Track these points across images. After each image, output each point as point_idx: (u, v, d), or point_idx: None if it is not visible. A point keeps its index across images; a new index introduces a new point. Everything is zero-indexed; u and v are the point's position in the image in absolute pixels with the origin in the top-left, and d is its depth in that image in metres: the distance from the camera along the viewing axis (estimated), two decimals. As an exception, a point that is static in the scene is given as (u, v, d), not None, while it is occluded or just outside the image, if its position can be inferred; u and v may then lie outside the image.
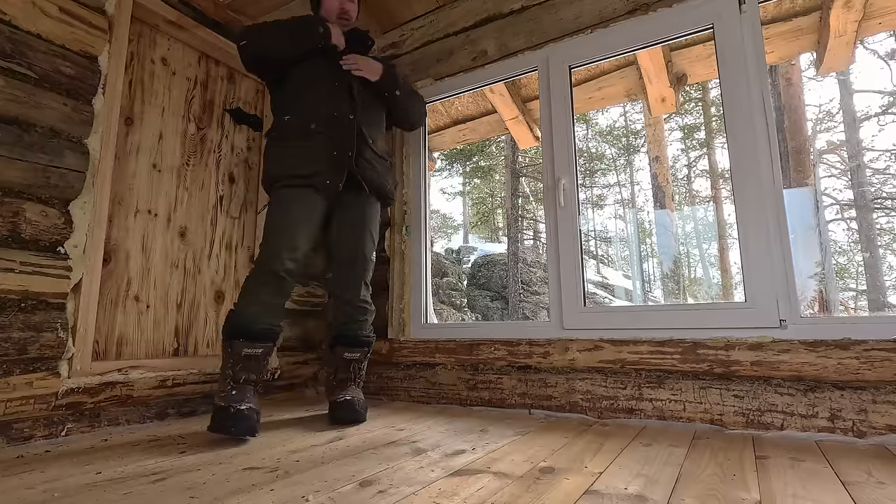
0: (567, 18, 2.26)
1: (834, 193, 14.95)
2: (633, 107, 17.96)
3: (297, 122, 1.87)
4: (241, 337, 1.66)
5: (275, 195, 1.86)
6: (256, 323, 1.70)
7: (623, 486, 1.07)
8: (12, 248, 1.56)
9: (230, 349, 1.66)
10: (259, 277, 1.74)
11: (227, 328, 1.69)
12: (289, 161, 1.85)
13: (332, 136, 1.86)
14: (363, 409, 1.87)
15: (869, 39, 13.09)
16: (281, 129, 1.90)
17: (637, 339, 1.87)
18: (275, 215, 1.82)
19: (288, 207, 1.81)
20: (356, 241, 1.98)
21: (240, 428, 1.52)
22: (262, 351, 1.70)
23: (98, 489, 1.08)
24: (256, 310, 1.71)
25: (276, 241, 1.77)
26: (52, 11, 1.72)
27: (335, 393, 1.93)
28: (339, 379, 1.96)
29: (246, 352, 1.65)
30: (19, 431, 1.54)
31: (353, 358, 1.97)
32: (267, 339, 1.72)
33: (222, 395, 1.60)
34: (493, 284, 12.40)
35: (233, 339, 1.66)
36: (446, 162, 18.14)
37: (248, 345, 1.66)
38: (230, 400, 1.58)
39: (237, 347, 1.65)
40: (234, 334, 1.67)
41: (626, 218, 20.99)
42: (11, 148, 1.58)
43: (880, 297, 12.07)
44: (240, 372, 1.64)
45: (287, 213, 1.81)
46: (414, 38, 2.74)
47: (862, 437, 1.48)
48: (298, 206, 1.82)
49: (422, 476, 1.15)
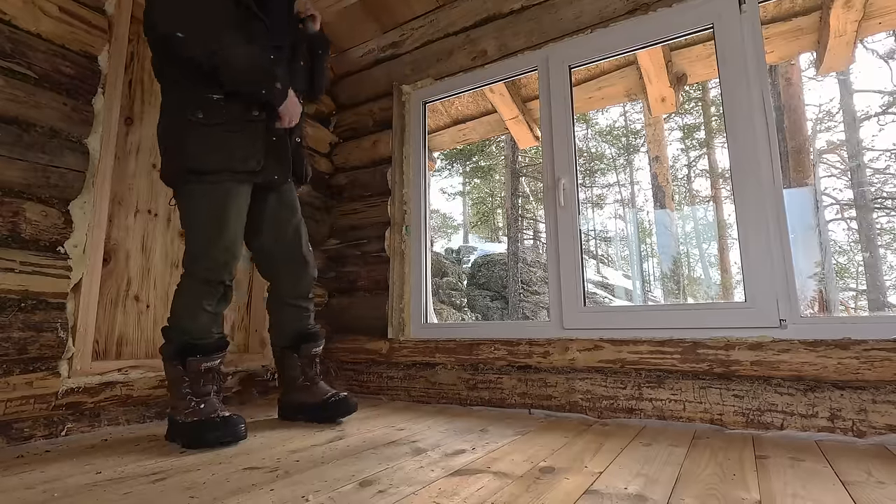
0: (567, 18, 2.26)
1: (834, 193, 14.96)
2: (633, 106, 17.96)
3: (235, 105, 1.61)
4: (196, 353, 1.56)
5: (201, 189, 1.59)
6: (208, 335, 1.61)
7: (623, 486, 1.07)
8: (12, 247, 1.56)
9: (184, 368, 1.55)
10: (201, 289, 1.60)
11: (173, 348, 1.57)
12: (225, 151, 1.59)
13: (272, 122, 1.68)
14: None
15: (869, 39, 13.09)
16: (210, 111, 1.59)
17: (637, 339, 1.87)
18: (209, 216, 1.59)
19: (225, 207, 1.60)
20: (300, 235, 1.86)
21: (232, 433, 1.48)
22: (220, 361, 1.62)
23: (98, 489, 1.08)
24: (206, 321, 1.61)
25: (217, 248, 1.60)
26: (52, 11, 1.72)
27: (316, 391, 1.85)
28: (310, 376, 1.87)
29: (205, 366, 1.57)
30: (19, 431, 1.53)
31: (318, 352, 1.90)
32: (221, 350, 1.63)
33: (188, 412, 1.52)
34: (492, 284, 12.40)
35: (186, 357, 1.55)
36: (446, 162, 18.14)
37: (205, 359, 1.57)
38: (203, 413, 1.51)
39: (193, 365, 1.55)
40: (185, 352, 1.56)
41: (626, 218, 20.99)
42: (11, 148, 1.58)
43: (880, 297, 12.07)
44: (203, 386, 1.56)
45: (225, 214, 1.60)
46: (414, 37, 2.74)
47: (862, 436, 1.48)
48: (236, 205, 1.63)
49: (422, 476, 1.15)
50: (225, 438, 1.48)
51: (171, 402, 1.58)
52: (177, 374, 1.56)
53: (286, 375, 1.89)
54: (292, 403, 1.87)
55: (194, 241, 1.61)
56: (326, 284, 2.82)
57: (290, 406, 1.88)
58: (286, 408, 1.90)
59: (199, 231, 1.60)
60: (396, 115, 2.70)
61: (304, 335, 1.88)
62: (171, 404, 1.58)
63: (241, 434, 1.51)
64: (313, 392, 1.86)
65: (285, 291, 1.87)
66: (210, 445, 1.46)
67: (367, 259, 2.68)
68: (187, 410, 1.52)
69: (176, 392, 1.56)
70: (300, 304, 1.89)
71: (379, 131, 2.78)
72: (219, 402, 1.58)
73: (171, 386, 1.58)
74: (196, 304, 1.60)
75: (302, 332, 1.89)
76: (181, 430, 1.50)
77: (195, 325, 1.59)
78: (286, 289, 1.86)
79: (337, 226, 2.85)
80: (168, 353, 1.58)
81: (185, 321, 1.59)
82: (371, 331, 2.58)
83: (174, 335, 1.59)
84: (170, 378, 1.59)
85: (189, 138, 1.57)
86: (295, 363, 1.88)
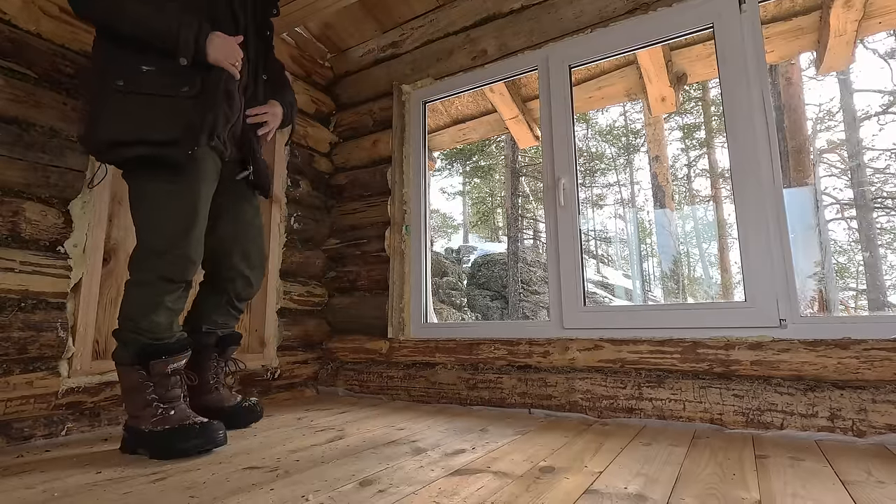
0: (567, 18, 2.26)
1: (834, 193, 14.97)
2: (633, 106, 17.95)
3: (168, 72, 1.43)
4: (161, 355, 1.41)
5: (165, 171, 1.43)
6: (172, 334, 1.46)
7: (623, 486, 1.07)
8: (12, 247, 1.56)
9: (146, 372, 1.41)
10: (161, 286, 1.44)
11: (131, 351, 1.41)
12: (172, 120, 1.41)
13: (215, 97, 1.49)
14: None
15: (869, 39, 13.09)
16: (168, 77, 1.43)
17: (637, 339, 1.87)
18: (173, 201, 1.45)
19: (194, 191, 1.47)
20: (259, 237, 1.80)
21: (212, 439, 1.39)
22: (185, 361, 1.49)
23: (98, 489, 1.08)
24: (167, 320, 1.45)
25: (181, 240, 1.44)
26: (52, 11, 1.72)
27: (223, 396, 1.75)
28: (221, 380, 1.77)
29: (172, 367, 1.43)
30: (19, 431, 1.54)
31: (233, 357, 1.83)
32: (186, 349, 1.49)
33: (155, 420, 1.39)
34: (492, 284, 12.40)
35: (149, 361, 1.41)
36: (446, 161, 18.15)
37: (170, 360, 1.43)
38: (174, 420, 1.39)
39: (158, 367, 1.41)
40: (147, 355, 1.41)
41: (626, 217, 20.99)
42: (11, 147, 1.58)
43: (880, 297, 12.07)
44: (169, 391, 1.43)
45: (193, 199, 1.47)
46: (414, 37, 2.74)
47: (861, 436, 1.48)
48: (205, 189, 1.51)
49: (422, 475, 1.15)
50: (205, 447, 1.38)
51: (131, 410, 1.43)
52: (136, 379, 1.41)
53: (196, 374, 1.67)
54: (200, 406, 1.68)
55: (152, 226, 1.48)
56: (326, 284, 2.82)
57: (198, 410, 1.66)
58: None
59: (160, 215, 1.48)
60: (396, 115, 2.70)
61: (232, 337, 1.80)
62: (131, 413, 1.43)
63: (219, 441, 1.42)
64: (223, 397, 1.75)
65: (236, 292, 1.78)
66: (187, 455, 1.36)
67: (367, 259, 2.68)
68: (154, 419, 1.39)
69: (137, 399, 1.41)
70: (238, 307, 1.81)
71: (379, 131, 2.78)
72: (188, 407, 1.47)
73: (131, 393, 1.43)
74: (157, 300, 1.44)
75: (231, 334, 1.80)
76: (147, 440, 1.38)
77: (159, 324, 1.44)
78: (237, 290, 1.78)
79: (337, 225, 2.85)
80: (123, 359, 1.42)
81: (144, 320, 1.43)
82: (371, 330, 2.58)
83: (130, 338, 1.43)
84: (127, 386, 1.43)
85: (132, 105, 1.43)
86: (211, 364, 1.75)
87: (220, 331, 1.77)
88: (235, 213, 1.73)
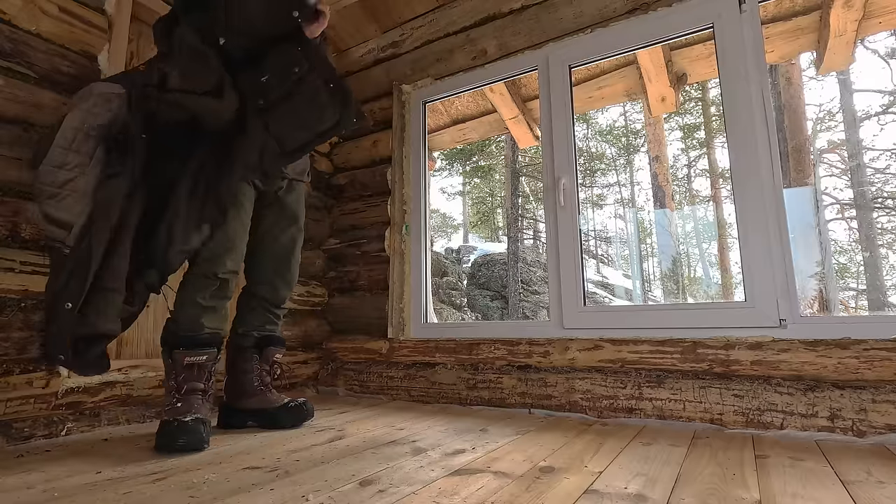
0: (567, 18, 2.26)
1: (834, 193, 14.96)
2: (633, 106, 17.95)
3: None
4: (180, 346, 1.52)
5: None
6: (196, 329, 1.56)
7: (623, 486, 1.07)
8: (12, 247, 1.56)
9: (170, 360, 1.53)
10: (195, 281, 1.58)
11: (165, 337, 1.56)
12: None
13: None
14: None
15: (869, 38, 13.10)
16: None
17: (637, 339, 1.87)
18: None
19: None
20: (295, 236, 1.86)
21: (185, 441, 1.39)
22: (207, 358, 1.55)
23: (98, 489, 1.08)
24: (194, 314, 1.56)
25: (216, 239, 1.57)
26: (52, 11, 1.72)
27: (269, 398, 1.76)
28: (266, 382, 1.79)
29: (188, 360, 1.52)
30: (19, 431, 1.53)
31: (279, 359, 1.86)
32: (210, 346, 1.57)
33: (167, 409, 1.48)
34: (492, 284, 12.39)
35: (172, 349, 1.53)
36: (446, 161, 18.14)
37: (188, 353, 1.52)
38: (175, 413, 1.46)
39: (178, 357, 1.52)
40: (172, 343, 1.53)
41: (626, 217, 20.99)
42: (11, 147, 1.58)
43: (880, 297, 12.08)
44: (183, 382, 1.51)
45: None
46: (414, 37, 2.74)
47: (861, 436, 1.48)
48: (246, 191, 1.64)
49: (422, 475, 1.15)
50: (177, 444, 1.39)
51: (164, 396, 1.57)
52: (166, 366, 1.56)
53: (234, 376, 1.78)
54: (244, 409, 1.75)
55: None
56: (326, 284, 2.82)
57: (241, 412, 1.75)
58: (234, 414, 1.76)
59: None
60: (396, 115, 2.70)
61: (271, 338, 1.83)
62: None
63: (196, 445, 1.40)
64: (268, 398, 1.76)
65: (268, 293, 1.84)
66: (168, 450, 1.39)
67: (367, 259, 2.68)
68: (168, 406, 1.49)
69: (165, 385, 1.55)
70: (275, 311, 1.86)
71: (379, 131, 2.78)
72: (199, 404, 1.51)
73: (164, 379, 1.57)
74: (189, 295, 1.57)
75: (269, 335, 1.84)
76: (158, 427, 1.46)
77: (185, 317, 1.56)
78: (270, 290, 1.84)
79: (337, 225, 2.85)
80: (162, 343, 1.57)
81: (178, 311, 1.58)
82: (371, 330, 2.58)
83: (169, 325, 1.58)
84: (164, 368, 1.58)
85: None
86: (251, 365, 1.78)
87: (257, 332, 1.81)
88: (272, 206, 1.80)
